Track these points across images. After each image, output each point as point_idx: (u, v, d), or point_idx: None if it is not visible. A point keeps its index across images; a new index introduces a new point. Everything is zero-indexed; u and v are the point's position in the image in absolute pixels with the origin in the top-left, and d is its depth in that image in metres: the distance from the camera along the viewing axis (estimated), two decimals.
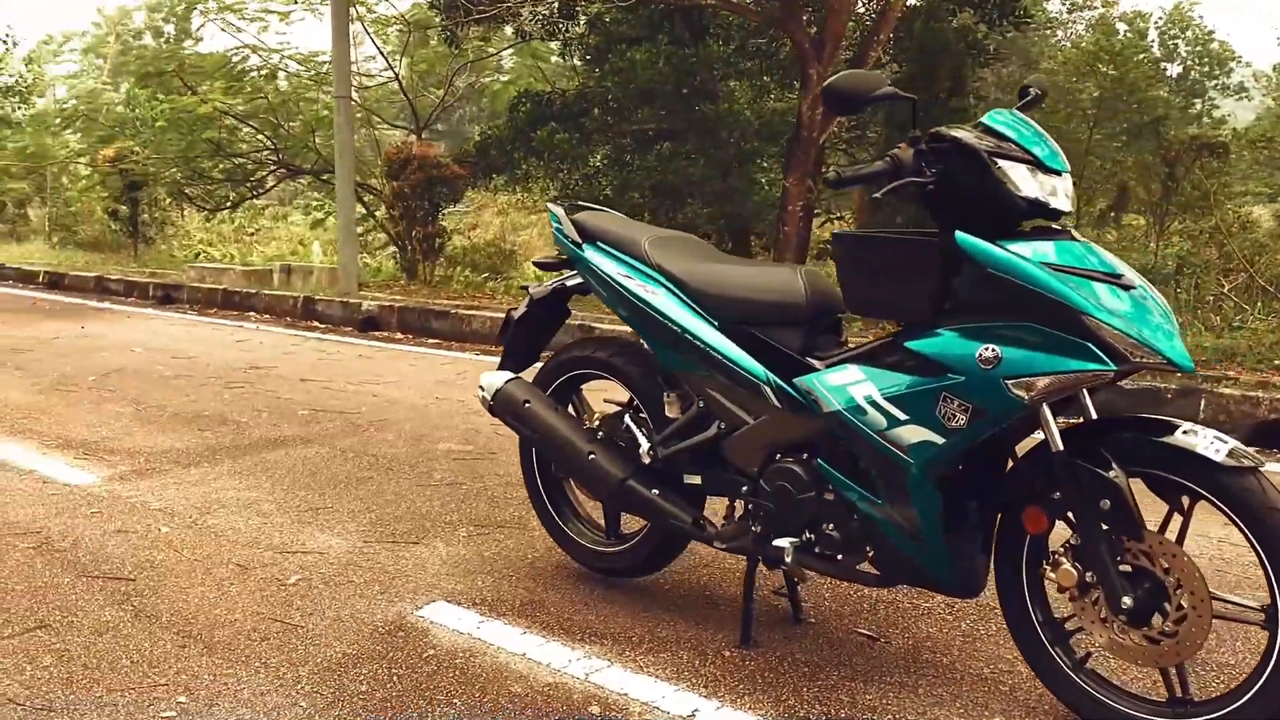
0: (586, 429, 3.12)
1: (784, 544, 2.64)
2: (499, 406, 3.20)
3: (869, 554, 2.58)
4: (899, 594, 3.22)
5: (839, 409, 2.48)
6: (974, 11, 12.58)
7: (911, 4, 12.66)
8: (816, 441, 2.62)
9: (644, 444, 2.98)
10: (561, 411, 3.16)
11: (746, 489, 2.78)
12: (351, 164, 10.99)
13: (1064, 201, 2.33)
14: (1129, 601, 2.24)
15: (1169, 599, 2.23)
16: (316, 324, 9.67)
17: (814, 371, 2.59)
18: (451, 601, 3.15)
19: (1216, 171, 13.58)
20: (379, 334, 9.10)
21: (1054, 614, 2.47)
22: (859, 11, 13.88)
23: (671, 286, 2.86)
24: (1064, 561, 2.33)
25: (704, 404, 2.85)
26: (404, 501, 4.13)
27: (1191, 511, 2.27)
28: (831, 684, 2.65)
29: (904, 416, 2.38)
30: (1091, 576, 2.30)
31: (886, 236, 2.52)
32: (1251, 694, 2.17)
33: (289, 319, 9.93)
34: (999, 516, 2.49)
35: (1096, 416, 2.38)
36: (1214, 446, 2.17)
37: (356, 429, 5.34)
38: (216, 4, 16.42)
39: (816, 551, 2.65)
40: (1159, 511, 2.31)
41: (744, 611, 2.87)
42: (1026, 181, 2.29)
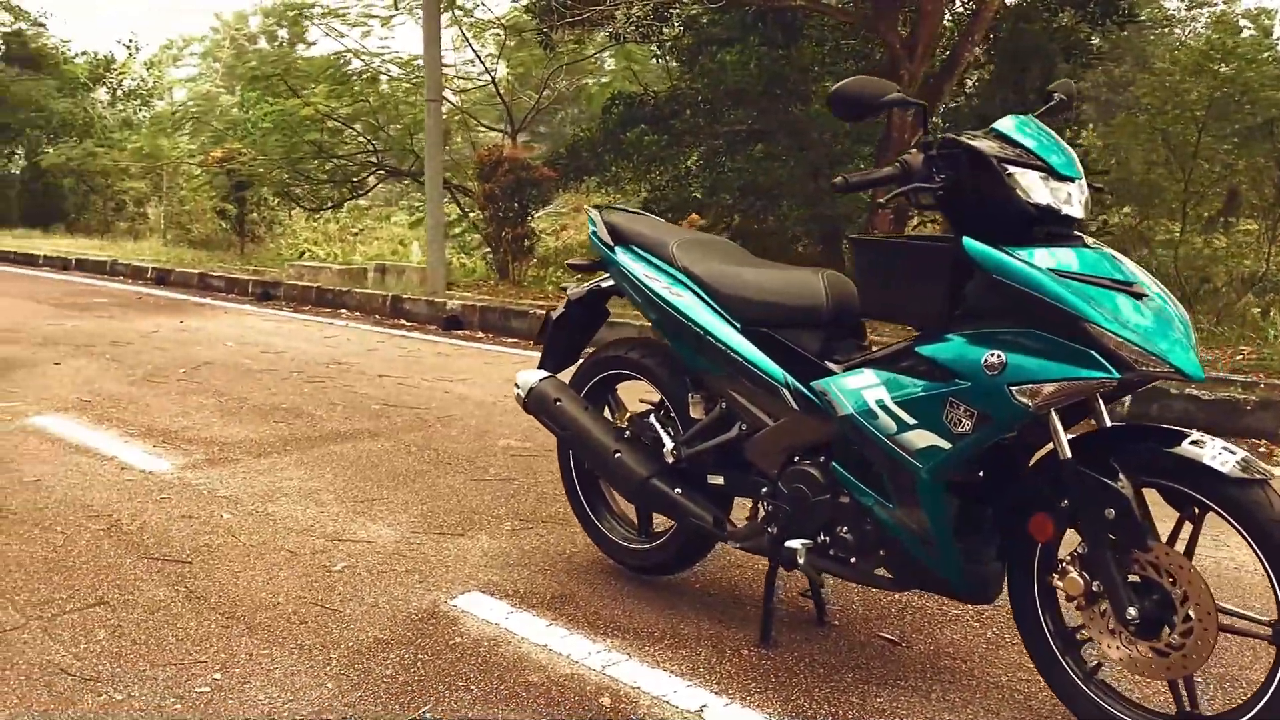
0: (614, 428, 3.18)
1: (797, 545, 2.67)
2: (532, 404, 3.29)
3: (882, 558, 2.59)
4: (927, 599, 3.21)
5: (851, 412, 2.50)
6: (1075, 11, 12.32)
7: (1011, 3, 12.46)
8: (832, 444, 2.64)
9: (668, 443, 3.04)
10: (591, 410, 3.23)
11: (766, 490, 2.81)
12: (441, 166, 11.23)
13: (1076, 208, 2.32)
14: (1134, 612, 2.22)
15: (1175, 611, 2.21)
16: (403, 322, 9.91)
17: (831, 375, 2.61)
18: (485, 592, 3.24)
19: None
20: (461, 333, 9.29)
21: (1065, 623, 2.45)
22: (958, 11, 13.73)
23: (696, 289, 2.91)
24: (1071, 570, 2.32)
25: (726, 405, 2.89)
26: (456, 495, 4.24)
27: (1201, 522, 2.24)
28: (845, 686, 2.66)
29: (912, 421, 2.39)
30: (1098, 586, 2.28)
31: (901, 242, 2.53)
32: (1257, 710, 2.14)
33: (377, 317, 10.19)
34: (1013, 524, 2.48)
35: (1111, 425, 2.36)
36: (1221, 458, 2.14)
37: (423, 424, 5.48)
38: (321, 9, 16.92)
39: (831, 554, 2.67)
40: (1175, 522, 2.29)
41: (764, 611, 2.90)
42: (1037, 188, 2.29)
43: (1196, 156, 15.31)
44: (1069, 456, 2.28)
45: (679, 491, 2.98)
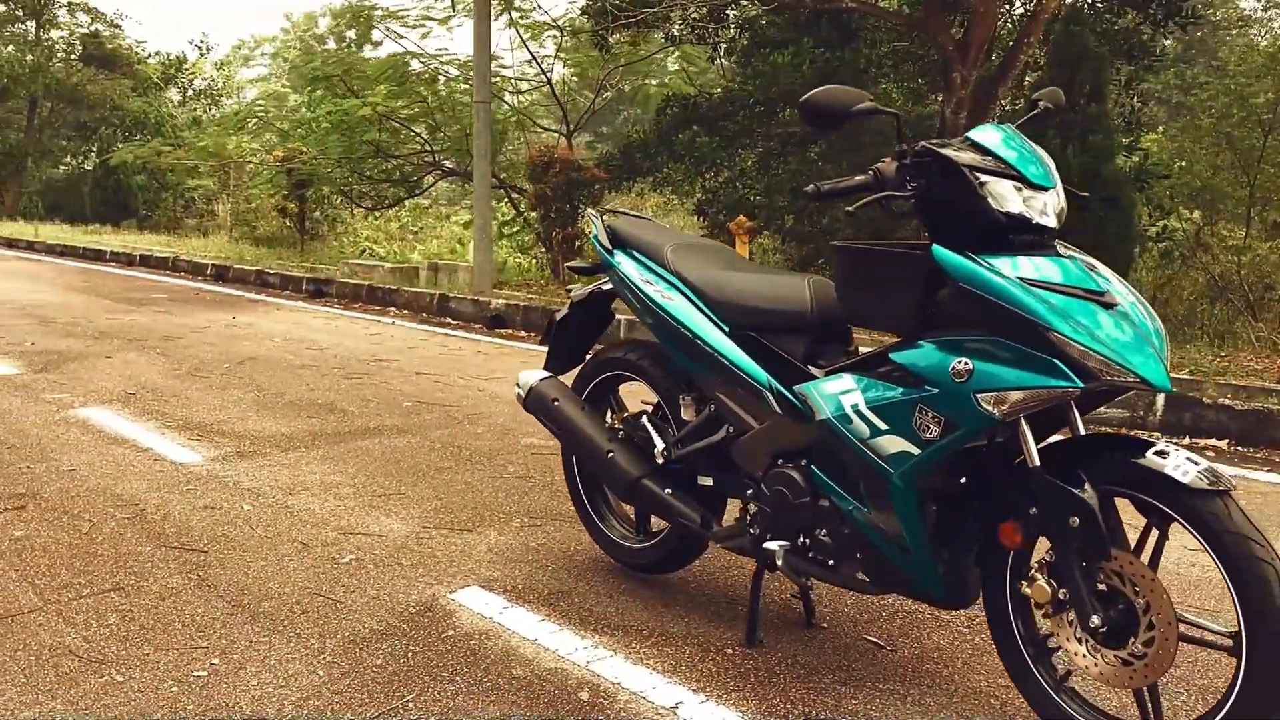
0: (610, 428, 3.24)
1: (775, 546, 2.71)
2: (531, 403, 3.36)
3: (860, 561, 2.61)
4: (918, 604, 3.22)
5: (829, 416, 2.53)
6: (1137, 13, 12.13)
7: (1070, 3, 12.30)
8: (812, 448, 2.67)
9: (659, 444, 3.09)
10: (588, 410, 3.30)
11: (751, 492, 2.85)
12: (489, 167, 11.37)
13: (1050, 218, 2.33)
14: (1097, 621, 2.23)
15: (1139, 620, 2.21)
16: (449, 320, 10.05)
17: (813, 379, 2.64)
18: (485, 587, 3.31)
19: None
20: (505, 331, 9.41)
21: (1037, 631, 2.46)
22: (1017, 13, 13.58)
23: (688, 292, 2.95)
24: (1039, 578, 2.33)
25: (715, 408, 2.93)
26: (472, 491, 4.33)
27: (1166, 532, 2.24)
28: (822, 687, 2.70)
29: (884, 426, 2.41)
30: (1065, 594, 2.29)
31: (877, 249, 2.55)
32: None
33: (425, 315, 10.35)
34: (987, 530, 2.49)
35: (1084, 434, 2.36)
36: (1183, 468, 2.14)
37: (452, 421, 5.58)
38: (382, 12, 17.17)
39: (810, 556, 2.70)
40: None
41: (750, 611, 2.94)
42: (1010, 197, 2.30)
43: (1262, 161, 14.99)
44: (1037, 464, 2.29)
45: (669, 492, 3.04)
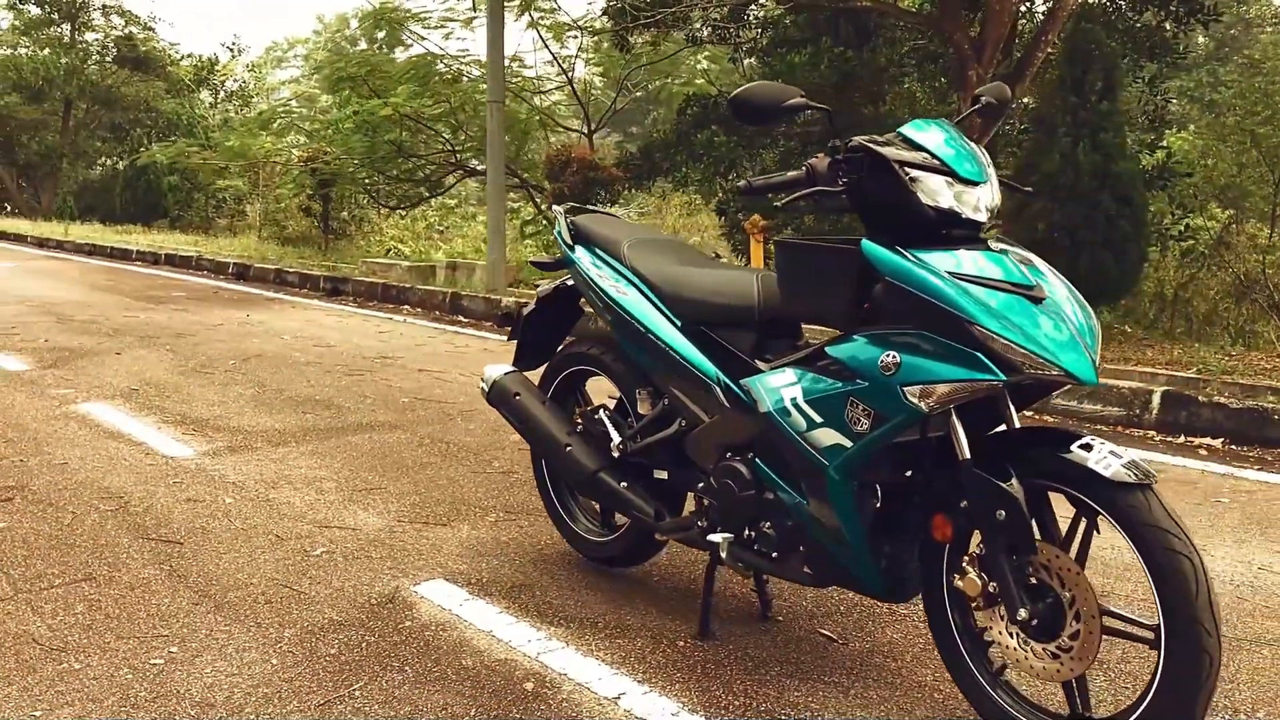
0: (569, 422, 3.27)
1: (719, 539, 2.72)
2: (494, 397, 3.40)
3: (803, 554, 2.63)
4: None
5: (770, 409, 2.54)
6: (1158, 10, 12.03)
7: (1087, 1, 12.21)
8: (756, 441, 2.69)
9: (615, 438, 3.11)
10: (549, 405, 3.33)
11: (702, 485, 2.87)
12: (502, 166, 11.42)
13: (980, 212, 2.33)
14: (1025, 614, 2.23)
15: (1065, 614, 2.21)
16: (461, 319, 10.11)
17: (759, 373, 2.66)
18: (449, 580, 3.35)
19: None
20: None
21: (973, 625, 2.46)
22: (1036, 10, 13.48)
23: (643, 287, 2.98)
24: (970, 571, 2.33)
25: (668, 402, 2.95)
26: (454, 486, 4.37)
27: (1094, 526, 2.24)
28: (767, 680, 2.71)
29: (819, 419, 2.43)
30: (994, 587, 2.29)
31: (815, 243, 2.56)
32: (1140, 712, 2.14)
33: (437, 313, 10.42)
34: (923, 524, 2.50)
35: (1018, 427, 2.37)
36: (1105, 461, 2.14)
37: (445, 418, 5.63)
38: (403, 14, 17.29)
39: (756, 549, 2.72)
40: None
41: (703, 604, 2.96)
42: (940, 192, 2.31)
43: None
44: (967, 457, 2.29)
45: (624, 485, 3.06)
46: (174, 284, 12.80)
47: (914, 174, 2.31)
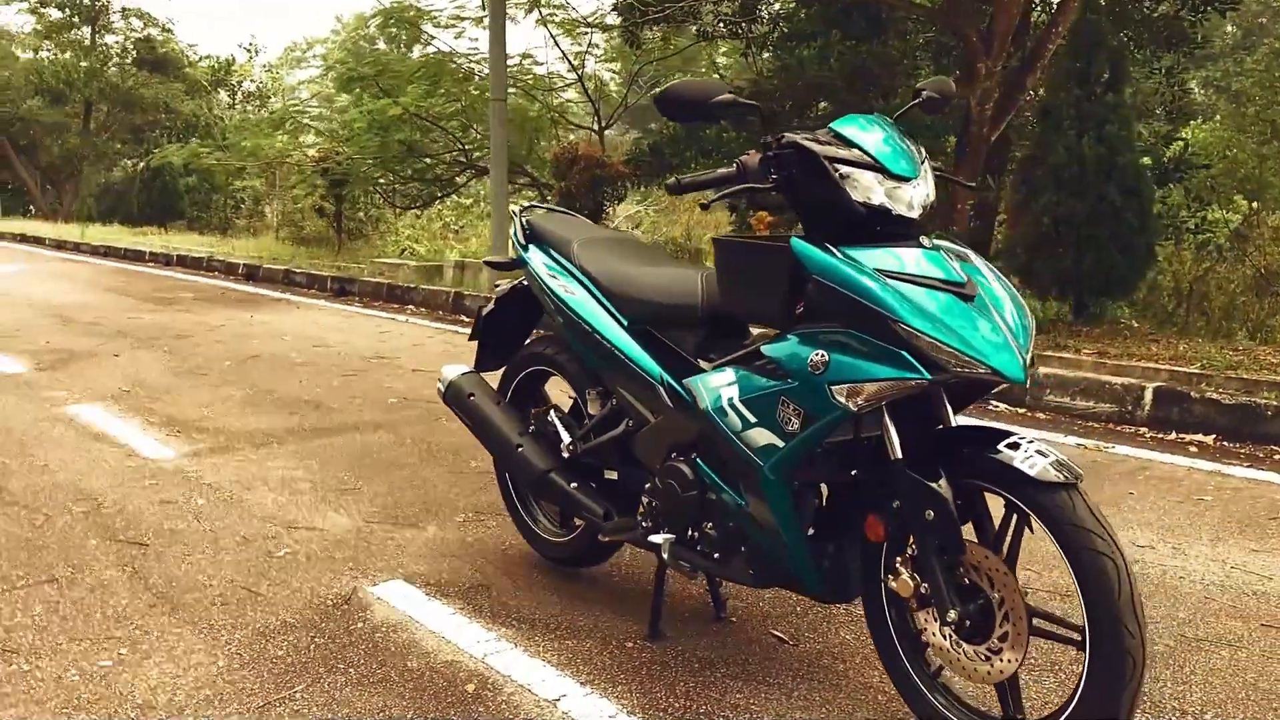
0: (521, 423, 3.26)
1: (659, 539, 2.70)
2: (449, 397, 3.39)
3: (744, 554, 2.60)
4: None
5: (708, 409, 2.52)
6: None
7: None
8: (698, 441, 2.67)
9: (565, 438, 3.10)
10: (502, 405, 3.32)
11: (649, 485, 2.85)
12: (505, 164, 11.41)
13: (913, 209, 2.30)
14: (954, 615, 2.21)
15: (994, 615, 2.18)
16: (463, 318, 10.11)
17: (702, 373, 2.64)
18: (408, 580, 3.35)
19: None
20: None
21: (910, 627, 2.43)
22: (1050, 1, 13.36)
23: (591, 287, 2.96)
24: (904, 571, 2.31)
25: (616, 402, 2.94)
26: (428, 486, 4.37)
27: (1022, 526, 2.21)
28: (711, 681, 2.69)
29: (754, 419, 2.41)
30: (926, 588, 2.27)
31: (751, 242, 2.54)
32: (1068, 714, 2.12)
33: (440, 313, 10.43)
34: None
35: (954, 425, 2.33)
36: (1031, 460, 2.11)
37: (430, 417, 5.63)
38: (416, 12, 17.33)
39: (698, 549, 2.70)
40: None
41: (653, 605, 2.94)
42: (871, 189, 2.28)
43: None
44: (899, 457, 2.27)
45: (574, 485, 3.05)
46: (183, 285, 12.88)
47: (844, 170, 2.28)
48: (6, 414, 5.50)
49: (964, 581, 2.23)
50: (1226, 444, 5.21)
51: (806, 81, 13.24)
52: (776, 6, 14.97)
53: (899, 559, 2.33)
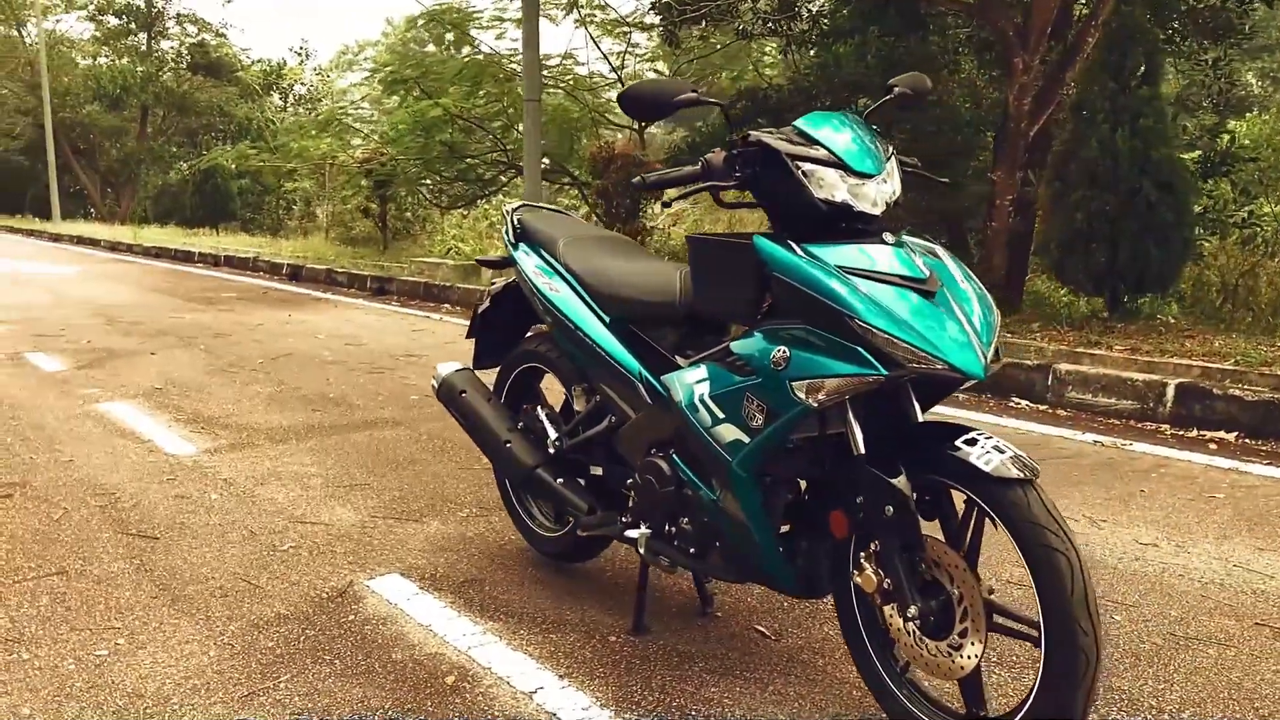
0: (510, 420, 3.29)
1: (635, 534, 2.73)
2: (442, 394, 3.44)
3: (718, 549, 2.62)
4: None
5: (681, 405, 2.54)
6: None
7: None
8: (674, 437, 2.69)
9: (551, 435, 3.13)
10: (493, 402, 3.36)
11: (630, 481, 2.87)
12: (539, 163, 11.50)
13: (876, 206, 2.30)
14: (914, 610, 2.21)
15: (954, 610, 2.19)
16: None
17: (679, 369, 2.66)
18: (404, 574, 3.40)
19: None
20: None
21: (878, 623, 2.43)
22: None
23: (575, 284, 2.99)
24: (868, 567, 2.31)
25: (599, 398, 2.96)
26: (437, 482, 4.43)
27: (982, 522, 2.21)
28: (688, 675, 2.71)
29: (722, 415, 2.42)
30: (889, 584, 2.27)
31: (719, 239, 2.55)
32: (1026, 709, 2.11)
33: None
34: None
35: (920, 421, 2.33)
36: (986, 456, 2.11)
37: (447, 414, 5.67)
38: (459, 14, 17.49)
39: (675, 544, 2.72)
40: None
41: (637, 600, 2.96)
42: (834, 185, 2.28)
43: None
44: (862, 453, 2.27)
45: (560, 481, 3.08)
46: (228, 285, 13.11)
47: (806, 168, 2.29)
48: (40, 411, 5.65)
49: (926, 577, 2.24)
50: (1248, 441, 5.13)
51: (844, 78, 13.18)
52: (816, 4, 14.90)
53: (864, 555, 2.34)
